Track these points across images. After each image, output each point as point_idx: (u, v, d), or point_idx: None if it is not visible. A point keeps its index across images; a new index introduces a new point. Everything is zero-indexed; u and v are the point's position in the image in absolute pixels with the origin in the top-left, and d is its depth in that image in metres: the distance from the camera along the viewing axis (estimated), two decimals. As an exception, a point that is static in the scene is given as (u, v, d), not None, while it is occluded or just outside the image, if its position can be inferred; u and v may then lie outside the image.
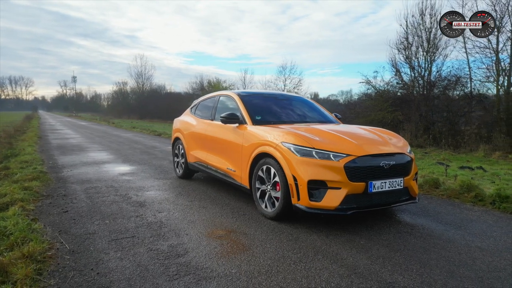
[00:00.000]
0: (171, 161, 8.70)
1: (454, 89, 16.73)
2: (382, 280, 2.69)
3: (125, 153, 10.22)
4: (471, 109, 16.46)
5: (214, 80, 37.02)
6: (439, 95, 17.13)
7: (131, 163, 8.28)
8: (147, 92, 51.05)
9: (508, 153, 12.57)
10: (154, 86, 52.16)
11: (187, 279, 2.70)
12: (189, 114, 6.51)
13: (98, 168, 7.54)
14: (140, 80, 53.49)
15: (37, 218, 4.04)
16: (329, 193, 3.64)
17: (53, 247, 3.32)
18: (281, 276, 2.76)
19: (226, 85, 36.00)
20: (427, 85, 17.25)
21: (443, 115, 16.57)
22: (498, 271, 2.87)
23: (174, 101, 41.12)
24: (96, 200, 4.94)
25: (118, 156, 9.45)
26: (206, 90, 36.23)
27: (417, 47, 17.62)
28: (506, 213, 4.50)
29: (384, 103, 16.92)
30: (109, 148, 11.49)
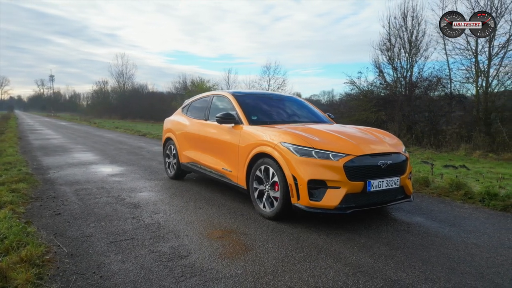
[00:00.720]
0: (160, 161, 8.61)
1: (435, 89, 17.12)
2: (387, 277, 2.73)
3: (111, 153, 10.04)
4: (451, 109, 16.90)
5: (197, 79, 36.79)
6: (420, 95, 17.50)
7: (119, 164, 8.14)
8: (129, 92, 50.31)
9: (488, 152, 12.95)
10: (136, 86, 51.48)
11: (193, 281, 2.67)
12: (181, 114, 6.45)
13: (86, 169, 7.38)
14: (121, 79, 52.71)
15: (30, 221, 3.92)
16: (329, 193, 3.68)
17: (50, 250, 3.23)
18: (287, 275, 2.77)
19: (210, 84, 35.82)
20: (409, 86, 17.60)
21: (425, 115, 16.95)
22: (496, 266, 2.96)
23: (157, 100, 40.73)
24: (88, 202, 4.84)
25: (104, 157, 9.28)
26: (190, 89, 35.98)
27: (399, 48, 17.97)
28: (496, 210, 4.64)
29: (368, 103, 17.17)
30: (93, 148, 11.28)
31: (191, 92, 35.67)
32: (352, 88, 18.33)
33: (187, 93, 35.93)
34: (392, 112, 16.69)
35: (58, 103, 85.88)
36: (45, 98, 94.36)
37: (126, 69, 52.73)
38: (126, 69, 52.74)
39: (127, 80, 52.81)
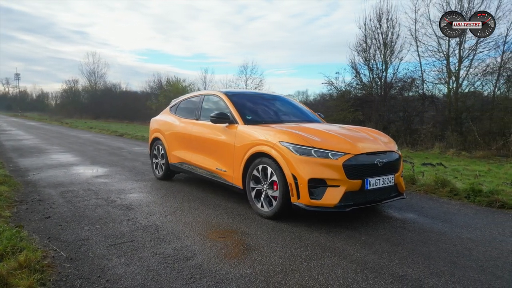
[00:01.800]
0: (144, 162, 8.45)
1: (409, 90, 17.64)
2: (394, 273, 2.80)
3: (91, 154, 9.77)
4: (425, 109, 17.47)
5: (173, 78, 36.30)
6: (395, 95, 17.99)
7: (101, 165, 7.93)
8: (101, 91, 48.99)
9: (461, 150, 13.47)
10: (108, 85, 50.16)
11: (204, 282, 2.64)
12: (169, 114, 6.36)
13: (67, 171, 7.15)
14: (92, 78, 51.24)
15: (22, 225, 3.76)
16: (329, 191, 3.72)
17: (48, 255, 3.12)
18: (297, 274, 2.78)
19: (186, 84, 35.46)
20: (384, 86, 18.05)
21: (400, 115, 17.44)
22: (494, 260, 3.09)
23: (131, 100, 39.92)
24: (77, 205, 4.69)
25: (84, 158, 9.01)
26: (165, 89, 35.48)
27: (375, 49, 18.39)
28: (481, 206, 4.83)
29: (345, 103, 17.48)
30: (71, 149, 10.93)
31: (167, 91, 35.20)
32: (330, 89, 18.61)
33: (162, 92, 35.44)
34: (369, 112, 17.08)
35: (25, 103, 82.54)
36: (10, 98, 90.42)
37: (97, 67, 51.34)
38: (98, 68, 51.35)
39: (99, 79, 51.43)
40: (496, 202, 4.73)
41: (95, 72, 51.03)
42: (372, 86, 18.13)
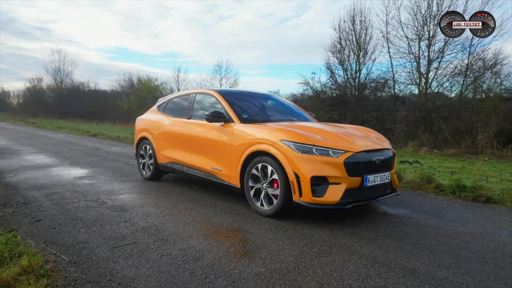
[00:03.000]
0: (126, 162, 8.25)
1: (382, 90, 18.15)
2: (404, 267, 2.87)
3: (68, 155, 9.42)
4: (396, 109, 18.03)
5: (145, 77, 35.56)
6: (369, 95, 18.47)
7: (82, 166, 7.67)
8: (67, 90, 47.23)
9: (433, 148, 14.00)
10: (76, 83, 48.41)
11: (220, 282, 2.61)
12: (157, 113, 6.23)
13: (46, 173, 6.86)
14: (58, 76, 49.27)
15: (15, 228, 3.58)
16: (331, 189, 3.77)
17: (49, 259, 2.98)
18: (311, 271, 2.80)
19: (158, 83, 34.83)
20: (358, 87, 18.48)
21: (373, 115, 17.92)
22: (493, 251, 3.23)
23: (100, 99, 38.82)
24: (67, 207, 4.52)
25: (62, 159, 8.68)
26: (137, 88, 34.72)
27: (349, 51, 18.79)
28: (467, 200, 5.05)
29: (321, 103, 17.76)
30: (45, 150, 10.49)
31: (138, 90, 34.47)
32: (306, 89, 18.84)
33: (133, 91, 34.66)
34: (344, 111, 17.42)
35: (-16, 102, 78.34)
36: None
37: (63, 65, 49.41)
38: (64, 66, 49.43)
39: (65, 77, 49.47)
40: (481, 197, 4.95)
41: (61, 70, 49.12)
42: (346, 87, 18.52)
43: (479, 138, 13.52)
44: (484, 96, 15.45)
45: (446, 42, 16.43)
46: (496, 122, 13.27)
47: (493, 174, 7.85)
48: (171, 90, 35.76)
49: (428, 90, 17.26)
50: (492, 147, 13.13)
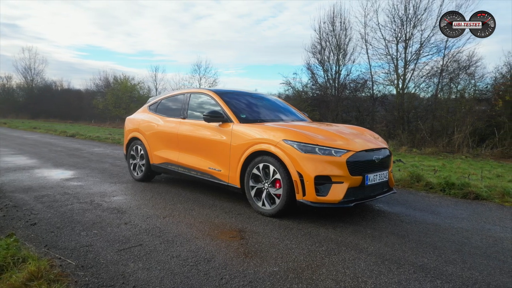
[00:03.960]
0: (112, 164, 8.07)
1: (362, 91, 18.51)
2: (413, 263, 2.95)
3: (49, 156, 9.12)
4: (375, 109, 18.44)
5: (121, 76, 34.83)
6: (348, 96, 18.79)
7: (66, 168, 7.44)
8: (39, 89, 45.64)
9: (412, 147, 14.37)
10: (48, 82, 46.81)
11: (237, 282, 2.61)
12: (148, 113, 6.12)
13: (30, 174, 6.63)
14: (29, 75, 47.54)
15: (13, 233, 3.44)
16: (334, 188, 3.82)
17: (54, 264, 2.89)
18: (324, 269, 2.83)
19: (135, 82, 34.19)
20: (338, 87, 18.78)
21: (353, 114, 18.25)
22: (492, 246, 3.36)
23: (74, 99, 37.74)
24: (60, 210, 4.38)
25: (43, 160, 8.39)
26: (113, 87, 33.97)
27: (329, 51, 19.06)
28: (457, 198, 5.23)
29: (303, 103, 17.92)
30: (23, 151, 10.12)
31: (115, 90, 33.75)
32: (287, 89, 18.97)
33: (109, 90, 33.90)
34: (325, 111, 17.65)
35: None
36: None
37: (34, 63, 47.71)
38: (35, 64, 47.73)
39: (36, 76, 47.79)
40: (470, 194, 5.13)
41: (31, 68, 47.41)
42: (327, 87, 18.77)
43: (455, 137, 13.99)
44: (459, 97, 16.02)
45: (421, 44, 16.97)
46: (471, 122, 13.78)
47: (473, 171, 8.14)
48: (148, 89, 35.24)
49: (406, 91, 17.75)
50: (468, 146, 13.62)
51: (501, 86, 14.45)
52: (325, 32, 18.99)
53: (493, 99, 14.23)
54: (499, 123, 13.84)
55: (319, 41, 18.94)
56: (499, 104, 13.83)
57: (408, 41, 17.31)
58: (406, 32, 17.26)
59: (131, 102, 34.17)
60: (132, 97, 34.24)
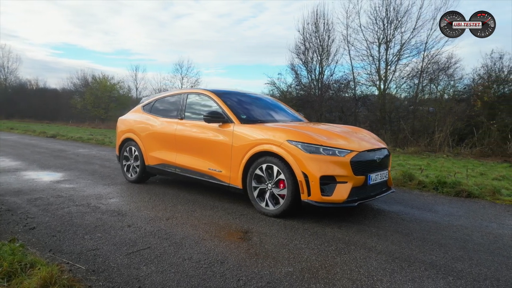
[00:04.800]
0: (101, 165, 7.91)
1: (345, 91, 18.77)
2: (423, 260, 3.02)
3: (33, 158, 8.85)
4: (358, 109, 18.76)
5: (100, 76, 34.17)
6: (332, 96, 19.02)
7: (54, 170, 7.24)
8: (13, 88, 44.19)
9: (395, 147, 14.67)
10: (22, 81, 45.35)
11: (255, 284, 2.60)
12: (142, 113, 6.03)
13: (17, 177, 6.42)
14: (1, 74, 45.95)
15: (16, 237, 3.33)
16: (338, 187, 3.87)
17: (63, 269, 2.81)
18: (338, 268, 2.87)
19: (115, 81, 33.64)
20: (322, 87, 18.99)
21: (337, 114, 18.49)
22: (493, 242, 3.48)
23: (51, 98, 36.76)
24: (58, 213, 4.27)
25: (28, 162, 8.14)
26: (91, 86, 33.28)
27: (313, 52, 19.24)
28: (451, 196, 5.38)
29: (287, 103, 17.99)
30: (5, 152, 9.78)
31: (93, 89, 33.11)
32: (271, 89, 19.04)
33: (88, 90, 33.22)
34: (310, 111, 17.80)
35: None
36: None
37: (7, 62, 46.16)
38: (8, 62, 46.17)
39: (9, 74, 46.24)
40: (463, 192, 5.29)
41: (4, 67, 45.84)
42: (311, 87, 18.94)
43: (436, 136, 14.37)
44: (439, 97, 16.48)
45: (402, 46, 17.37)
46: (451, 122, 14.18)
47: (457, 170, 8.37)
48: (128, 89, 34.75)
49: (387, 91, 18.13)
50: (448, 145, 14.01)
51: (480, 87, 14.93)
52: (309, 33, 19.18)
53: (472, 100, 14.68)
54: (478, 123, 14.30)
55: (302, 42, 19.11)
56: (478, 104, 14.29)
57: (389, 43, 17.69)
58: (387, 34, 17.61)
59: (110, 101, 33.62)
60: (111, 97, 33.68)
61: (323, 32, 18.99)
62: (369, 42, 18.04)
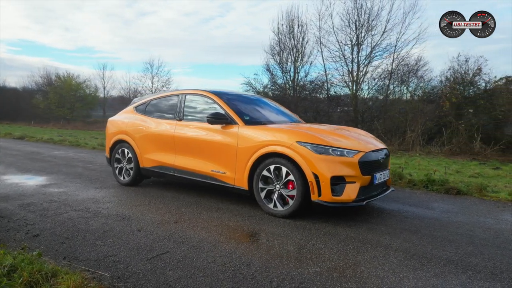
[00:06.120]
0: (85, 167, 7.64)
1: (319, 92, 19.12)
2: (439, 256, 3.15)
3: (8, 161, 8.40)
4: (332, 109, 19.16)
5: (64, 74, 32.84)
6: (306, 97, 19.32)
7: (36, 173, 6.92)
8: (-33, 87, 41.65)
9: (370, 147, 15.09)
10: (-23, 79, 42.81)
11: (288, 284, 2.62)
12: (136, 114, 5.87)
13: (-2, 181, 6.08)
14: (-46, 71, 43.22)
15: (27, 245, 3.17)
16: (348, 187, 3.95)
17: (86, 277, 2.72)
18: (363, 267, 2.94)
19: (80, 80, 32.44)
20: (297, 88, 19.24)
21: (312, 115, 18.78)
22: (496, 237, 3.68)
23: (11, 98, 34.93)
24: (58, 219, 4.09)
25: (4, 166, 7.71)
26: (56, 85, 31.94)
27: (287, 53, 19.45)
28: (441, 193, 5.63)
29: (263, 103, 18.10)
30: (-26, 155, 9.23)
31: (58, 88, 31.82)
32: (247, 89, 19.05)
33: (52, 89, 31.87)
34: (286, 112, 17.97)
35: None
36: None
37: (-39, 59, 43.46)
38: (-38, 60, 43.50)
39: (-37, 72, 43.62)
40: (453, 190, 5.55)
41: (-42, 64, 43.12)
42: (286, 88, 19.14)
43: (408, 136, 14.93)
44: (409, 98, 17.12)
45: (373, 48, 17.92)
46: (422, 122, 14.78)
47: (434, 168, 8.75)
48: (96, 88, 33.65)
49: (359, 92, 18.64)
50: (420, 144, 14.60)
51: (448, 88, 15.65)
52: (283, 34, 19.36)
53: (441, 101, 15.36)
54: (446, 123, 14.99)
55: (277, 42, 19.27)
56: (446, 105, 14.96)
57: (361, 45, 18.19)
58: (359, 37, 18.09)
59: (76, 101, 32.45)
60: (77, 96, 32.51)
61: (297, 33, 19.24)
62: (342, 44, 18.47)
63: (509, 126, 15.76)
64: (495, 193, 5.52)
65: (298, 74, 19.36)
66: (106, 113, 34.92)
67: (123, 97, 32.55)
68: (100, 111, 35.15)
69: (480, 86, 15.56)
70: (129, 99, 31.49)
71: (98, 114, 35.24)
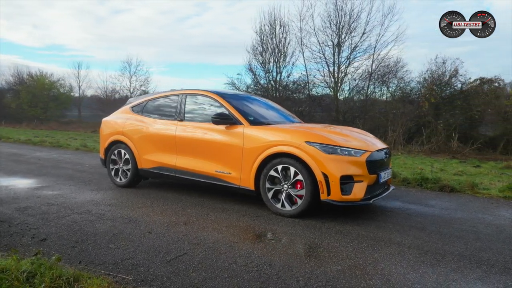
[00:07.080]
0: (74, 169, 7.43)
1: (302, 92, 19.29)
2: (451, 252, 3.26)
3: (-10, 163, 8.07)
4: (314, 110, 19.39)
5: (37, 73, 31.75)
6: (288, 97, 19.46)
7: (23, 175, 6.68)
8: None
9: (353, 146, 15.35)
10: None
11: (314, 283, 2.65)
12: (133, 114, 5.76)
13: (-15, 184, 5.84)
14: None
15: (41, 250, 3.06)
16: (356, 186, 4.03)
17: (109, 280, 2.65)
18: (382, 264, 3.00)
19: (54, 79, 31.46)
20: (279, 88, 19.36)
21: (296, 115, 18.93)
22: (500, 233, 3.83)
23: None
24: (61, 222, 3.97)
25: (-13, 168, 7.41)
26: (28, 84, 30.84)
27: (270, 53, 19.52)
28: (435, 191, 5.80)
29: (246, 103, 18.12)
30: (-49, 158, 8.81)
31: (30, 87, 30.76)
32: (231, 89, 18.98)
33: (24, 88, 30.76)
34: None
35: None
36: None
37: None
38: None
39: None
40: (447, 187, 5.73)
41: None
42: (269, 88, 19.22)
43: (390, 135, 15.29)
44: (390, 98, 17.55)
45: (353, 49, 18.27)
46: (403, 122, 15.18)
47: (420, 166, 9.01)
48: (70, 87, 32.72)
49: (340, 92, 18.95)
50: (401, 143, 14.99)
51: (426, 89, 16.13)
52: (266, 35, 19.43)
53: (420, 101, 15.81)
54: (425, 123, 15.45)
55: (260, 43, 19.32)
56: (425, 105, 15.42)
57: (342, 46, 18.50)
58: (340, 38, 18.38)
59: (49, 101, 31.46)
60: (51, 96, 31.52)
61: (279, 33, 19.34)
62: (323, 45, 18.73)
63: (483, 126, 16.44)
64: (486, 190, 5.75)
65: (280, 74, 19.46)
66: (82, 113, 34.02)
67: (99, 96, 31.85)
68: (75, 111, 34.19)
69: (457, 87, 16.11)
70: (106, 99, 30.81)
71: (73, 114, 34.27)
